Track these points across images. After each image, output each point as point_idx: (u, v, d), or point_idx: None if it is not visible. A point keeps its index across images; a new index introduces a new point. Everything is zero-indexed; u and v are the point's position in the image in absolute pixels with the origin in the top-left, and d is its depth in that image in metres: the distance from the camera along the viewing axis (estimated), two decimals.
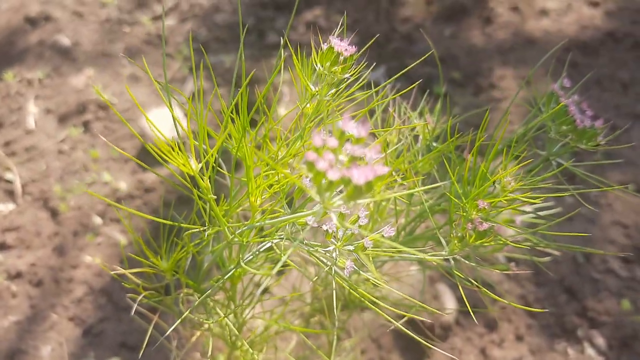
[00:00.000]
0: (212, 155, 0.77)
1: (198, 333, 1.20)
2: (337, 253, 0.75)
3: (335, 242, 0.75)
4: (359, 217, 0.75)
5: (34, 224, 2.25)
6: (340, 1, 2.88)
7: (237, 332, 1.10)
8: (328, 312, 1.28)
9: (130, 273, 0.97)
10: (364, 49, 0.86)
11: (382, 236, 0.74)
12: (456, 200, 0.83)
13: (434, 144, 1.05)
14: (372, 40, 0.93)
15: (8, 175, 2.40)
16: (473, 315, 1.90)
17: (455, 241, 0.85)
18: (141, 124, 2.50)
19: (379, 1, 2.74)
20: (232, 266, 0.93)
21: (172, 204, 1.99)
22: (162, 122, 2.45)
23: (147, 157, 2.43)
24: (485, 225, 0.81)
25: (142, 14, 3.02)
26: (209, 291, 0.91)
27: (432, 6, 2.85)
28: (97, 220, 2.24)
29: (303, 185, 0.58)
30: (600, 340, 1.85)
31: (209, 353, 1.36)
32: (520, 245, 1.12)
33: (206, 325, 1.20)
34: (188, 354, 1.40)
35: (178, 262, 0.98)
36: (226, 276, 0.91)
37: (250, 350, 1.31)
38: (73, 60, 2.83)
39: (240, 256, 0.87)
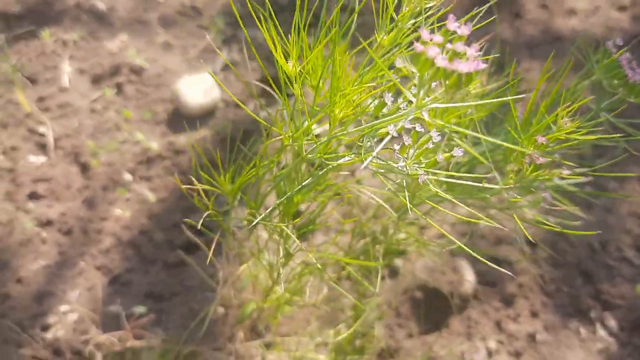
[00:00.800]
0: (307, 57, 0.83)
1: (243, 267, 1.26)
2: (408, 168, 0.80)
3: (407, 159, 0.80)
4: (431, 137, 0.81)
5: (65, 177, 2.31)
6: None
7: (287, 254, 1.15)
8: (370, 253, 1.34)
9: (196, 191, 1.03)
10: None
11: (452, 155, 0.80)
12: (515, 134, 0.89)
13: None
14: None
15: (41, 129, 2.46)
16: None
17: (511, 175, 0.91)
18: (173, 88, 2.56)
19: None
20: (293, 190, 0.99)
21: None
22: (195, 87, 2.51)
23: (178, 121, 2.49)
24: (542, 160, 0.87)
25: None
26: (270, 209, 0.97)
27: None
28: (128, 177, 2.30)
29: (399, 85, 0.64)
30: (612, 322, 1.91)
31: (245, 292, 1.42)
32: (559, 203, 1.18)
33: (251, 262, 1.26)
34: (224, 293, 1.46)
35: (242, 185, 1.04)
36: (285, 197, 0.96)
37: (284, 293, 1.37)
38: (108, 24, 2.89)
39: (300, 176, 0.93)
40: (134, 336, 1.70)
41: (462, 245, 0.87)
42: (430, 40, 0.61)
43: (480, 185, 0.91)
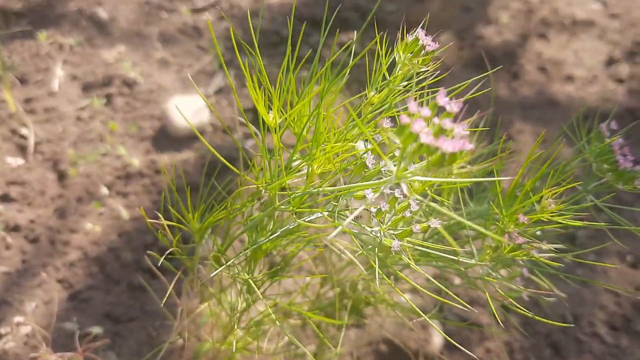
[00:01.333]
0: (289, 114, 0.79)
1: (204, 305, 1.21)
2: (382, 235, 0.77)
3: (382, 225, 0.77)
4: (409, 205, 0.77)
5: (40, 183, 2.25)
6: (374, 29, 2.94)
7: (248, 305, 1.11)
8: (335, 310, 1.30)
9: (162, 226, 0.99)
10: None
11: (429, 227, 0.77)
12: (497, 210, 0.86)
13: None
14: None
15: (23, 131, 2.41)
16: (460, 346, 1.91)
17: (489, 250, 0.88)
18: (163, 107, 2.52)
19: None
20: (263, 238, 0.95)
21: (182, 186, 2.00)
22: (185, 108, 2.47)
23: (163, 140, 2.45)
24: (521, 240, 0.84)
25: (181, 4, 3.07)
26: (236, 256, 0.93)
27: (463, 51, 2.92)
28: (104, 190, 2.25)
29: (381, 153, 0.61)
30: None
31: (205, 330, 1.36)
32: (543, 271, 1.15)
33: (213, 300, 1.21)
34: (182, 327, 1.40)
35: (211, 225, 1.00)
36: (254, 245, 0.92)
37: (244, 336, 1.32)
38: (107, 34, 2.86)
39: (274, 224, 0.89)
40: (84, 359, 1.63)
41: (429, 321, 0.83)
42: (418, 112, 0.58)
43: (455, 258, 0.88)
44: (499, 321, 1.66)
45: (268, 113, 0.81)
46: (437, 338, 1.91)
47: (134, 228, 2.15)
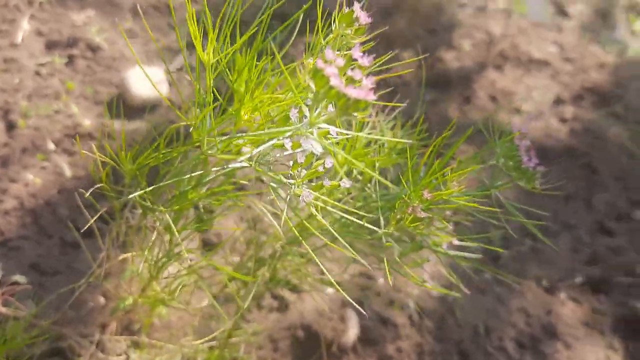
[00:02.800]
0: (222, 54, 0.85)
1: (126, 255, 1.25)
2: (296, 187, 0.83)
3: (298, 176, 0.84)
4: (324, 161, 0.84)
5: None
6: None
7: (168, 259, 1.15)
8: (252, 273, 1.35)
9: (94, 161, 1.03)
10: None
11: (339, 185, 0.84)
12: (406, 186, 0.93)
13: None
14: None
15: None
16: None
17: (393, 222, 0.95)
18: (123, 75, 2.54)
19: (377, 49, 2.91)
20: (189, 186, 1.00)
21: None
22: (144, 79, 2.50)
23: (118, 107, 2.47)
24: (423, 214, 0.92)
25: None
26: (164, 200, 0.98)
27: (421, 70, 3.03)
28: (51, 146, 2.26)
29: (299, 98, 0.67)
30: None
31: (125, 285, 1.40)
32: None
33: (136, 252, 1.26)
34: (106, 279, 1.44)
35: (142, 168, 1.05)
36: (182, 190, 0.98)
37: (162, 293, 1.36)
38: None
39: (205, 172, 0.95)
40: (2, 301, 1.64)
41: (347, 296, 0.90)
42: (333, 59, 0.65)
43: (364, 225, 0.95)
44: (413, 322, 1.75)
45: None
46: (353, 331, 1.98)
47: (74, 186, 2.17)
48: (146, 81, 2.51)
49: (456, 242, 1.30)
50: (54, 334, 1.67)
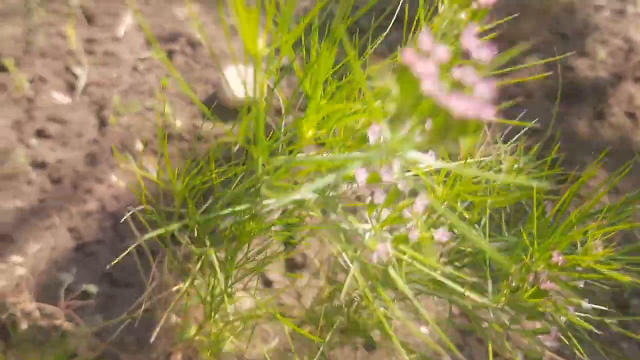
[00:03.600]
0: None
1: (180, 286, 1.07)
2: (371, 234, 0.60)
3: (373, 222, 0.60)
4: (412, 202, 0.59)
5: (80, 125, 2.18)
6: None
7: (224, 298, 0.96)
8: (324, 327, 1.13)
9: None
10: None
11: (432, 238, 0.59)
12: (528, 241, 0.67)
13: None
14: None
15: (77, 70, 2.35)
16: None
17: (505, 290, 0.69)
18: (220, 74, 2.41)
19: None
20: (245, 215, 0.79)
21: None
22: (240, 79, 2.35)
23: (212, 107, 2.34)
24: (550, 285, 0.65)
25: None
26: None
27: (548, 79, 2.67)
28: (139, 146, 2.16)
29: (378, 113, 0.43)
30: None
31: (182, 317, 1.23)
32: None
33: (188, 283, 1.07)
34: (163, 308, 1.27)
35: (192, 188, 0.86)
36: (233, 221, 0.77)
37: (224, 330, 1.18)
38: None
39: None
40: (65, 316, 1.53)
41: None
42: (429, 51, 0.39)
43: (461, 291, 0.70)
44: None
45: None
46: None
47: (158, 192, 2.05)
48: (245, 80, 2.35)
49: (586, 304, 1.01)
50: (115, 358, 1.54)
